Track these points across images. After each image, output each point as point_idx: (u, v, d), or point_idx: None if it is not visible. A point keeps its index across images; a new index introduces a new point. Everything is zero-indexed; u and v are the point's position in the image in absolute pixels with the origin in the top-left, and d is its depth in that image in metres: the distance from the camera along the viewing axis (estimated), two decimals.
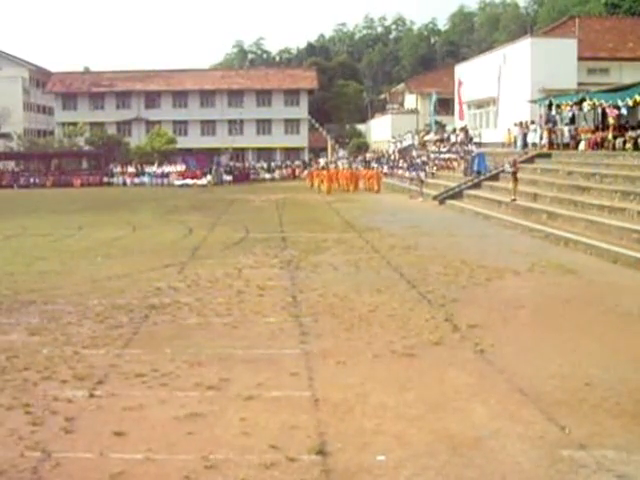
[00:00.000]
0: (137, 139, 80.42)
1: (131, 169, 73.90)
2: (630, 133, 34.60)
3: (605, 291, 17.28)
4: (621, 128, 36.01)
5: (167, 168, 73.90)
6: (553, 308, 15.64)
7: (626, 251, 20.85)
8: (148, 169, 73.83)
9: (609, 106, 35.29)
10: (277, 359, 12.00)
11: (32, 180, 71.89)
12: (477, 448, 8.54)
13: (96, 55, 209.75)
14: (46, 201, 52.39)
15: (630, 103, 33.19)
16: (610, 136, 35.55)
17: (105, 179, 72.70)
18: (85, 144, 77.89)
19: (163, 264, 21.66)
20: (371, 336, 13.48)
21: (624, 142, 34.16)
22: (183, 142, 79.48)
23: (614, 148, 34.43)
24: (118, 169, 74.04)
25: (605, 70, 51.80)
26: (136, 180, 72.54)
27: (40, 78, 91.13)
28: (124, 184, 71.67)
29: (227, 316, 15.07)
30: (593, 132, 38.73)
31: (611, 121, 35.97)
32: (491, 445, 8.62)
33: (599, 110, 38.27)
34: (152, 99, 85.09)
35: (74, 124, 79.28)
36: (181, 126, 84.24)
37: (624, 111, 35.01)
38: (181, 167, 74.61)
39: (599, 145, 36.69)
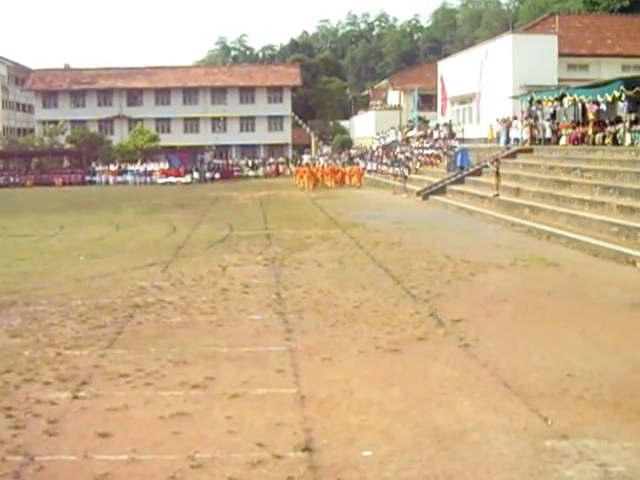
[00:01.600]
0: (119, 137, 79.93)
1: (113, 167, 73.45)
2: (609, 128, 34.81)
3: (586, 284, 17.37)
4: (601, 123, 36.20)
5: (150, 166, 73.46)
6: (536, 301, 15.70)
7: (606, 244, 20.99)
8: (131, 167, 73.43)
9: (589, 102, 35.48)
10: (262, 356, 11.99)
11: (12, 179, 71.21)
12: (462, 441, 8.58)
13: (76, 52, 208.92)
14: (27, 201, 51.92)
15: (609, 99, 33.38)
16: (590, 131, 35.75)
17: (87, 178, 72.13)
18: (66, 142, 77.24)
19: (147, 263, 21.59)
20: (356, 332, 13.49)
21: (604, 137, 34.38)
22: (166, 140, 79.01)
23: (594, 143, 34.62)
24: (100, 167, 73.54)
25: (585, 66, 52.08)
26: (119, 178, 72.08)
27: (19, 75, 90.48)
28: (106, 183, 71.19)
29: (212, 314, 15.05)
30: (574, 127, 38.90)
31: (591, 117, 36.18)
32: (476, 437, 8.66)
33: (579, 106, 38.46)
34: (134, 96, 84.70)
35: (55, 122, 78.83)
36: (164, 123, 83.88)
37: (603, 107, 35.22)
38: (164, 165, 74.20)
39: (579, 140, 36.89)
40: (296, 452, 8.29)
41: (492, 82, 50.25)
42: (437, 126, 59.16)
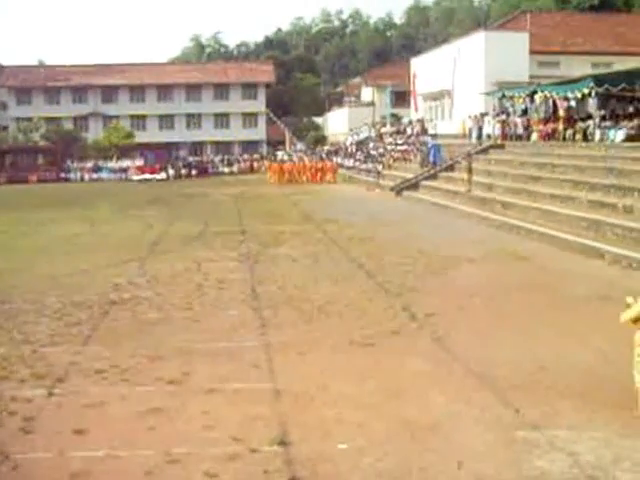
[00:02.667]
0: (94, 134, 79.35)
1: (88, 164, 72.97)
2: (580, 124, 35.02)
3: (556, 277, 17.51)
4: (571, 120, 36.42)
5: (125, 163, 73.10)
6: (507, 295, 15.82)
7: (576, 238, 21.17)
8: (106, 164, 73.02)
9: (559, 98, 35.73)
10: (238, 352, 11.99)
11: None
12: (435, 433, 8.64)
13: (50, 48, 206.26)
14: (0, 198, 51.45)
15: (579, 95, 33.63)
16: (561, 127, 35.95)
17: (62, 175, 71.57)
18: (41, 140, 76.57)
19: (122, 259, 21.51)
20: (330, 327, 13.54)
21: (574, 133, 34.59)
22: (141, 136, 78.60)
23: (564, 139, 34.83)
24: (75, 165, 73.02)
25: (555, 63, 52.35)
26: (94, 175, 71.57)
27: None
28: (81, 180, 70.66)
29: (187, 310, 15.03)
30: (545, 123, 39.07)
31: (561, 113, 36.38)
32: (449, 429, 8.72)
33: (550, 102, 38.65)
34: (109, 93, 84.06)
35: (29, 119, 78.08)
36: (139, 120, 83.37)
37: (573, 103, 35.47)
38: (139, 162, 73.82)
39: (550, 136, 37.08)
40: (272, 446, 8.31)
41: (464, 79, 50.44)
42: (410, 122, 59.25)
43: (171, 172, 70.52)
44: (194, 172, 72.42)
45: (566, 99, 35.29)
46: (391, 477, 7.58)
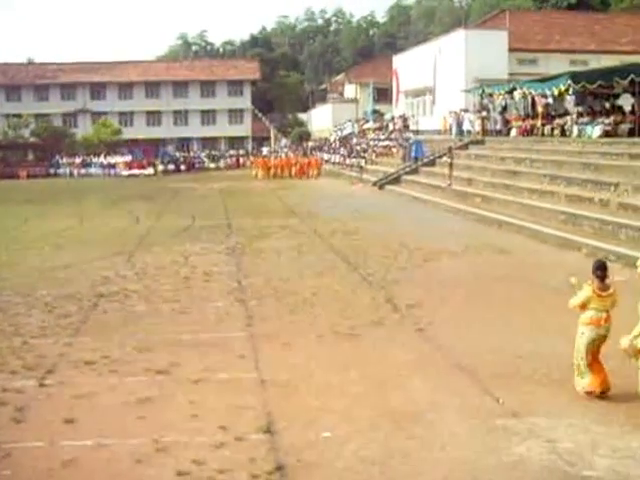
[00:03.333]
0: (83, 130, 78.91)
1: (78, 160, 72.63)
2: (557, 121, 35.21)
3: (535, 269, 17.58)
4: (549, 116, 36.60)
5: (114, 159, 72.83)
6: (487, 286, 15.88)
7: (554, 231, 21.26)
8: (95, 160, 72.71)
9: (538, 95, 35.87)
10: (224, 343, 11.98)
11: None
12: (418, 421, 8.67)
13: (39, 47, 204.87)
14: None
15: (556, 92, 33.78)
16: (539, 123, 36.14)
17: (51, 171, 71.24)
18: (30, 136, 76.14)
19: (111, 253, 21.43)
20: (315, 318, 13.55)
21: (552, 129, 34.80)
22: (129, 133, 78.32)
23: (543, 135, 35.01)
24: (64, 160, 72.68)
25: (534, 61, 52.50)
26: (83, 171, 71.24)
27: None
28: (71, 175, 70.25)
29: (175, 302, 15.00)
30: (523, 120, 39.23)
31: (540, 109, 36.57)
32: (431, 418, 8.76)
33: (529, 99, 38.78)
34: (97, 90, 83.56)
35: (19, 116, 77.55)
36: (127, 117, 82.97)
37: (551, 100, 35.61)
38: (128, 157, 73.60)
39: (529, 132, 37.25)
40: (257, 434, 8.32)
41: (445, 76, 50.53)
42: (392, 118, 59.28)
43: (161, 167, 70.32)
44: (181, 167, 72.22)
45: (544, 96, 35.48)
46: (374, 464, 7.59)
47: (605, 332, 9.35)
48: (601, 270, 9.39)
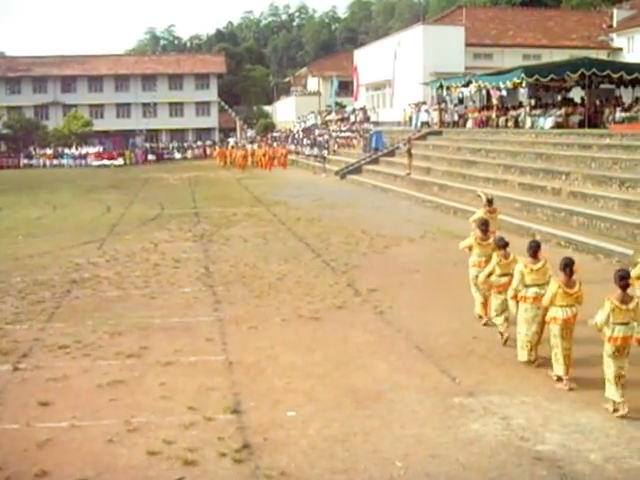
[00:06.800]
0: (54, 122, 77.81)
1: (50, 151, 71.78)
2: (512, 112, 35.50)
3: None
4: (503, 108, 36.88)
5: (85, 150, 72.11)
6: (443, 271, 15.99)
7: (509, 219, 21.34)
8: (66, 151, 71.90)
9: (493, 88, 36.07)
10: (193, 326, 11.98)
11: None
12: (379, 400, 8.74)
13: (11, 41, 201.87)
14: None
15: (510, 85, 34.06)
16: (494, 115, 36.40)
17: (24, 161, 70.32)
18: (3, 128, 75.05)
19: (83, 241, 21.25)
20: (280, 302, 13.57)
21: (506, 121, 35.06)
22: (99, 124, 77.48)
23: (497, 126, 35.26)
24: (37, 151, 71.79)
25: (489, 55, 52.76)
26: (55, 162, 70.40)
27: None
28: (43, 166, 69.45)
29: (145, 288, 14.93)
30: (479, 111, 39.49)
31: (494, 102, 36.84)
32: (391, 397, 8.83)
33: (484, 92, 39.05)
34: (68, 83, 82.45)
35: None
36: (97, 109, 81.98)
37: (504, 92, 35.86)
38: (98, 148, 72.94)
39: (484, 123, 37.51)
40: (225, 414, 8.34)
41: (404, 70, 50.53)
42: (353, 110, 59.24)
43: (131, 158, 69.78)
44: (151, 158, 71.68)
45: (499, 89, 35.69)
46: (337, 441, 7.65)
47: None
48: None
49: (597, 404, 8.51)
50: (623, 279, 8.39)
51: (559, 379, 9.20)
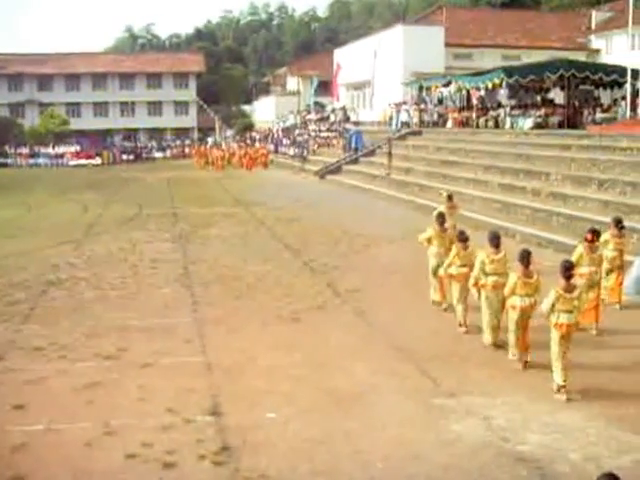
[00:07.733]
0: (30, 121, 77.32)
1: (25, 150, 71.19)
2: (491, 113, 35.68)
3: None
4: (483, 108, 37.03)
5: (61, 149, 71.58)
6: (424, 271, 15.89)
7: (489, 219, 21.45)
8: (43, 150, 71.36)
9: (473, 88, 36.21)
10: (171, 328, 11.91)
11: None
12: (359, 402, 8.73)
13: None
14: None
15: (490, 86, 34.20)
16: (474, 115, 36.52)
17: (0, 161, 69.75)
18: None
19: (59, 241, 21.08)
20: (259, 303, 13.53)
21: (486, 121, 35.22)
22: (76, 123, 76.97)
23: (477, 126, 35.38)
24: (12, 150, 71.18)
25: (469, 55, 53.02)
26: (31, 161, 69.81)
27: None
28: (19, 166, 68.89)
29: (123, 289, 14.84)
30: (459, 112, 39.64)
31: (474, 102, 36.93)
32: (372, 399, 8.82)
33: (464, 92, 39.17)
34: (45, 82, 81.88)
35: None
36: (74, 108, 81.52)
37: (483, 92, 36.02)
38: (75, 148, 72.42)
39: (464, 123, 37.64)
40: (204, 416, 8.31)
41: (384, 70, 50.62)
42: (333, 110, 59.30)
43: (108, 157, 69.37)
44: (129, 157, 71.29)
45: (478, 89, 35.82)
46: (317, 443, 7.63)
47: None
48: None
49: (578, 403, 8.58)
50: (567, 270, 9.08)
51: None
